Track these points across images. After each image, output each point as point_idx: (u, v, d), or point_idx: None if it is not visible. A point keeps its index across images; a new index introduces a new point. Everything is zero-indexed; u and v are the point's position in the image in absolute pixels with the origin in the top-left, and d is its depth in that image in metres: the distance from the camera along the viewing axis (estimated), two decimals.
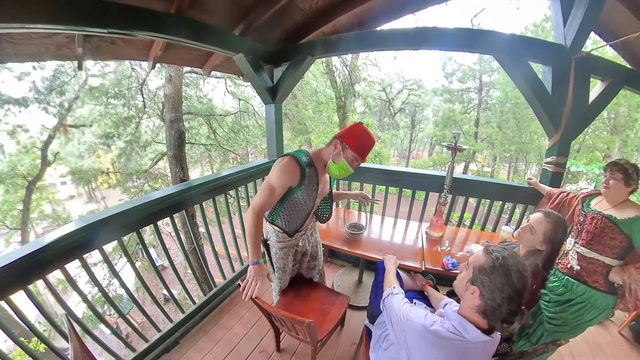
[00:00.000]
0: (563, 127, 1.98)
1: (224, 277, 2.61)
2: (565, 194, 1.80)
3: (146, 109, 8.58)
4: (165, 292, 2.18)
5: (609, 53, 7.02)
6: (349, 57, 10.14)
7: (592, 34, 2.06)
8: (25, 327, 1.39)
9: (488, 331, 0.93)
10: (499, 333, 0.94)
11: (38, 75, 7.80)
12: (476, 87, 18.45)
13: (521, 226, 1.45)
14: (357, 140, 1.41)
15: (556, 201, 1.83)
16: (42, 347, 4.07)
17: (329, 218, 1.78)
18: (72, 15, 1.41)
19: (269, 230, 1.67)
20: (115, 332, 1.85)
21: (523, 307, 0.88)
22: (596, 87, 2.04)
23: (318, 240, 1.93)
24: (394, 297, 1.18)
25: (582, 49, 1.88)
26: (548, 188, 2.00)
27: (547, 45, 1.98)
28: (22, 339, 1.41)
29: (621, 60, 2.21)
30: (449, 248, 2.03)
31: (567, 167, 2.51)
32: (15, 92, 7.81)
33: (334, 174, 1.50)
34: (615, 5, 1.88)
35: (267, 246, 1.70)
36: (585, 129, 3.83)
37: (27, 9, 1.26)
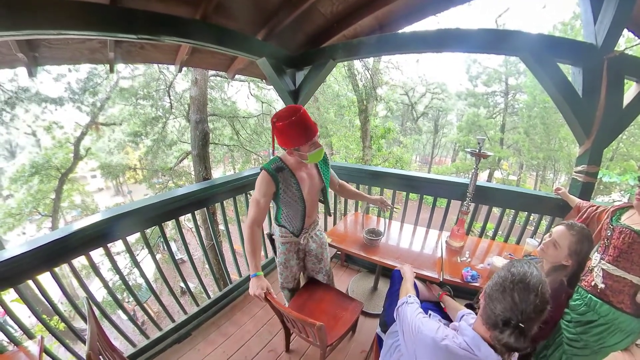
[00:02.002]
0: (595, 134, 1.85)
1: (240, 275, 2.66)
2: (595, 207, 1.67)
3: (173, 110, 8.99)
4: (182, 284, 2.26)
5: None
6: (370, 60, 10.08)
7: (626, 32, 1.89)
8: (49, 305, 1.48)
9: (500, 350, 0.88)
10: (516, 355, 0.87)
11: (73, 77, 8.54)
12: (502, 91, 17.78)
13: (543, 241, 1.37)
14: (294, 137, 1.41)
15: (584, 215, 1.70)
16: (62, 325, 4.34)
17: (328, 205, 1.94)
18: (104, 22, 1.51)
19: (275, 226, 1.78)
20: (132, 319, 1.93)
21: (523, 326, 0.80)
22: (631, 90, 1.88)
23: (324, 241, 1.92)
24: (409, 307, 1.15)
25: (615, 48, 1.74)
26: (578, 200, 1.86)
27: (576, 44, 1.86)
28: (44, 316, 1.52)
29: None
30: (469, 259, 1.94)
31: (598, 177, 2.35)
32: (52, 92, 8.62)
33: (316, 161, 1.57)
34: None
35: (272, 240, 1.84)
36: (620, 136, 3.57)
37: (64, 17, 1.37)
